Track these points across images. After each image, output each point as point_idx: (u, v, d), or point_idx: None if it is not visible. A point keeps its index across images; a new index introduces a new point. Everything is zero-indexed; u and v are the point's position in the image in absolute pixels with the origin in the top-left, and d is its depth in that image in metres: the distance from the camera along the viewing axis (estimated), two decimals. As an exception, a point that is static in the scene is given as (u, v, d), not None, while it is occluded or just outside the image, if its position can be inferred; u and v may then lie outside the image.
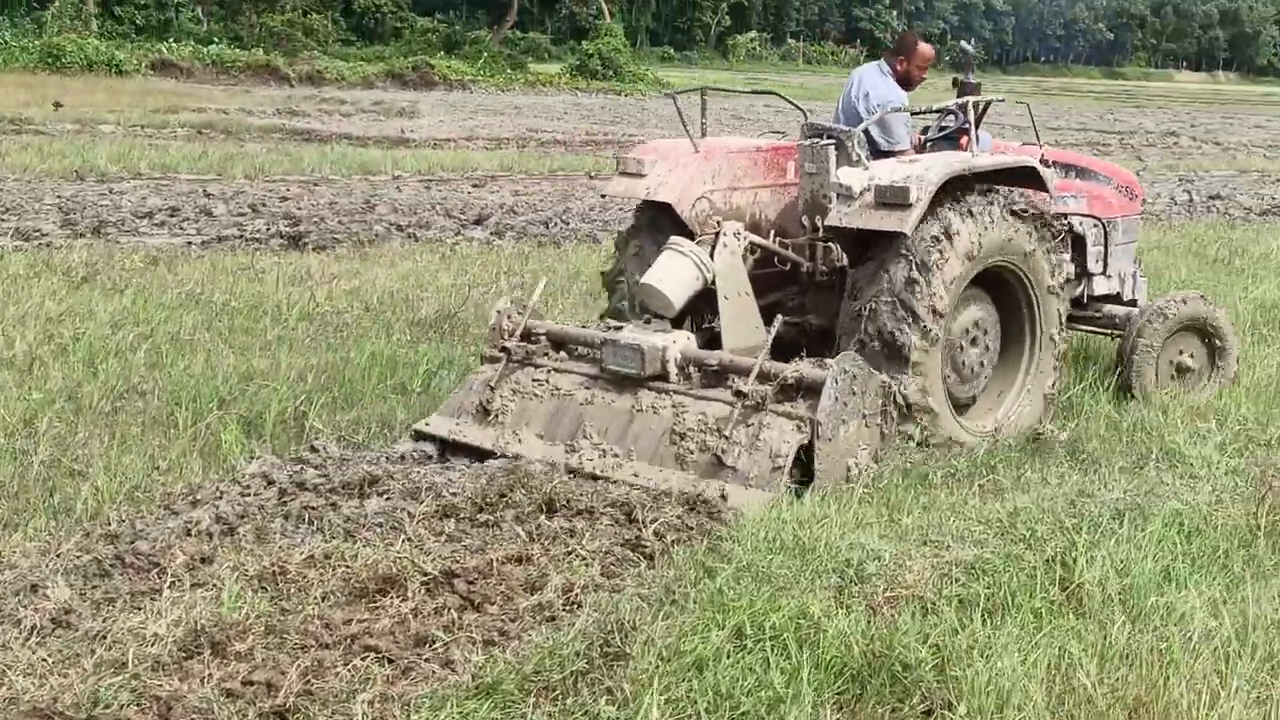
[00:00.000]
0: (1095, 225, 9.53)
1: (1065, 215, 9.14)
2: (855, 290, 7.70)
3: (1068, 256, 8.73)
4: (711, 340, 7.89)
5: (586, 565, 5.73)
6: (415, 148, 25.92)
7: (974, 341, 8.04)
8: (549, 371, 7.72)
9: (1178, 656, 4.88)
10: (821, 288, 8.33)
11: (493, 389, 7.69)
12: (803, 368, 7.18)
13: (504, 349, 7.82)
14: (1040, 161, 8.70)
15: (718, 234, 7.93)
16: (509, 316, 7.95)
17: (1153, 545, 5.91)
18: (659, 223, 8.23)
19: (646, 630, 4.99)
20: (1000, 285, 8.11)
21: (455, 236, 15.01)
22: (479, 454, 7.46)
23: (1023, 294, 8.19)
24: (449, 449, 7.61)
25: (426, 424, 7.76)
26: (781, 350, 7.51)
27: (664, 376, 7.40)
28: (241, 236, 14.43)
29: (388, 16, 71.61)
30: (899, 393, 7.39)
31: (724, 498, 6.67)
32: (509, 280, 12.05)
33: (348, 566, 5.62)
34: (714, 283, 7.82)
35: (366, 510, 6.31)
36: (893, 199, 7.37)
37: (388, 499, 6.47)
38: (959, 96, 8.73)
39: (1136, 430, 8.11)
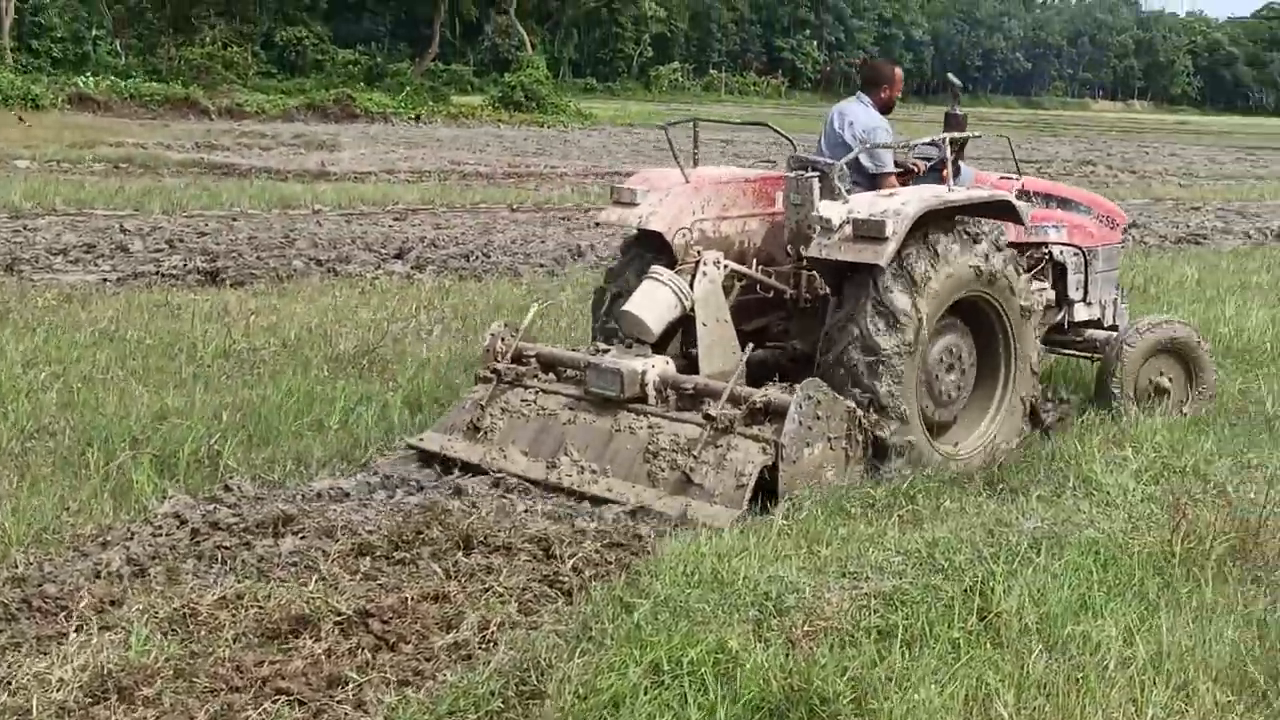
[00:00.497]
0: (1076, 254, 9.81)
1: (1045, 244, 9.59)
2: (833, 321, 7.91)
3: (1046, 284, 9.40)
4: (693, 365, 8.14)
5: (503, 602, 5.68)
6: (336, 181, 25.74)
7: (950, 368, 8.25)
8: (537, 392, 8.14)
9: (1093, 685, 4.90)
10: (805, 314, 8.60)
11: (483, 408, 8.10)
12: (771, 392, 7.53)
13: (494, 370, 8.23)
14: (1021, 192, 9.11)
15: (698, 263, 8.18)
16: (502, 339, 8.36)
17: (1069, 574, 5.94)
18: (649, 250, 8.51)
19: (563, 668, 4.94)
20: (975, 313, 8.31)
21: (375, 270, 14.91)
22: (469, 469, 7.81)
23: (997, 321, 8.39)
24: (443, 464, 7.95)
25: (420, 439, 8.16)
26: (767, 374, 8.01)
27: (643, 399, 7.78)
28: (158, 273, 14.23)
29: (309, 49, 71.19)
30: (866, 421, 7.60)
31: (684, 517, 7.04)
32: (429, 314, 11.97)
33: (260, 607, 5.53)
34: (693, 310, 8.08)
35: (281, 549, 6.24)
36: (869, 232, 7.56)
37: (302, 538, 6.40)
38: (945, 128, 8.97)
39: (1054, 459, 8.16)
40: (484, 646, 5.27)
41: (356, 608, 5.50)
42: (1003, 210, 8.52)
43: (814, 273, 8.41)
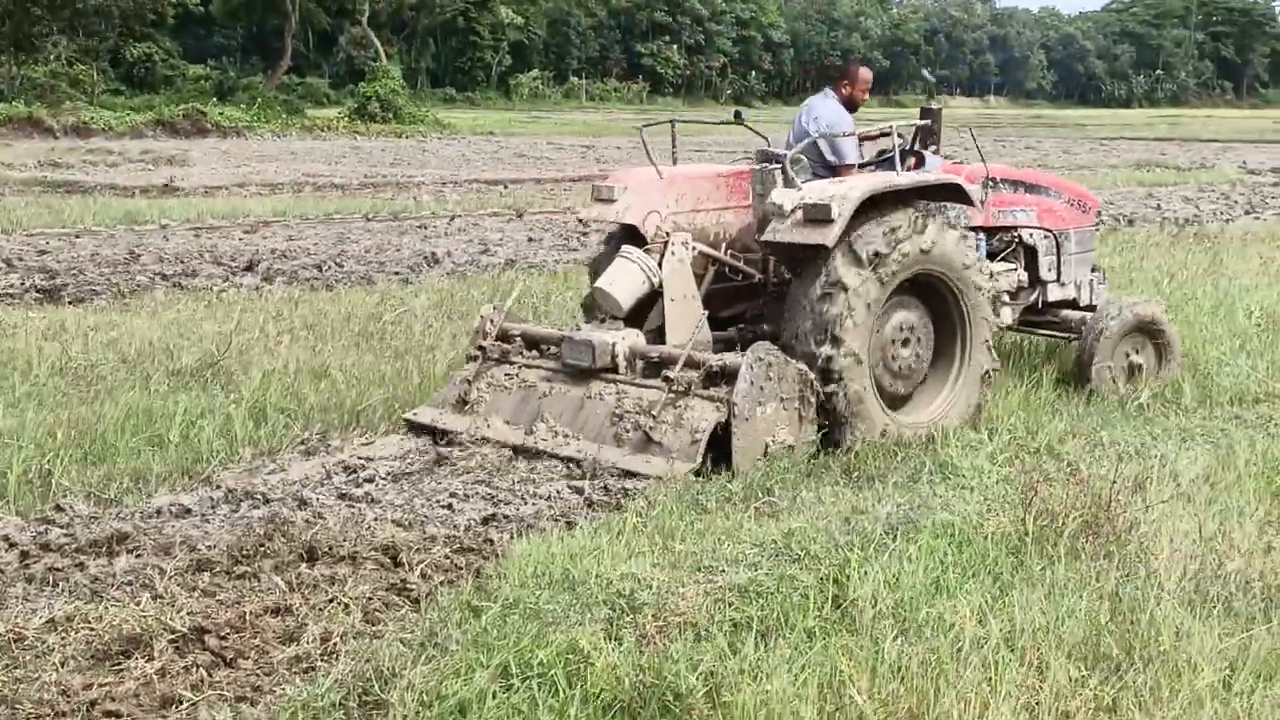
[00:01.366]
0: (1046, 236, 10.31)
1: (1014, 228, 10.19)
2: (789, 296, 8.47)
3: (1017, 266, 10.09)
4: (664, 339, 8.70)
5: (347, 613, 5.49)
6: (185, 196, 25.20)
7: (905, 343, 8.67)
8: (520, 367, 8.83)
9: (947, 667, 4.84)
10: (774, 298, 9.13)
11: (470, 383, 8.78)
12: (726, 357, 8.18)
13: (481, 348, 8.94)
14: (988, 179, 9.83)
15: (666, 243, 8.82)
16: (490, 320, 9.04)
17: (924, 557, 5.89)
18: (630, 240, 9.07)
19: (407, 676, 4.78)
20: (931, 292, 8.74)
21: (223, 284, 14.52)
22: (451, 440, 8.40)
23: (952, 300, 8.78)
24: (434, 435, 8.57)
25: (415, 414, 8.82)
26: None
27: (614, 368, 8.44)
28: (-8, 292, 13.76)
29: (158, 65, 69.91)
30: (817, 385, 8.07)
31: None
32: (277, 325, 11.68)
33: (91, 628, 5.30)
34: (661, 286, 8.73)
35: (115, 569, 6.01)
36: (817, 215, 8.07)
37: (139, 556, 6.16)
38: (921, 119, 9.74)
39: (911, 445, 8.16)
40: (326, 658, 5.08)
41: (192, 625, 5.29)
42: (954, 194, 8.96)
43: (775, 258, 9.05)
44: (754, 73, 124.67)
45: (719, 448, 7.77)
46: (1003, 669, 4.86)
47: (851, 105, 9.53)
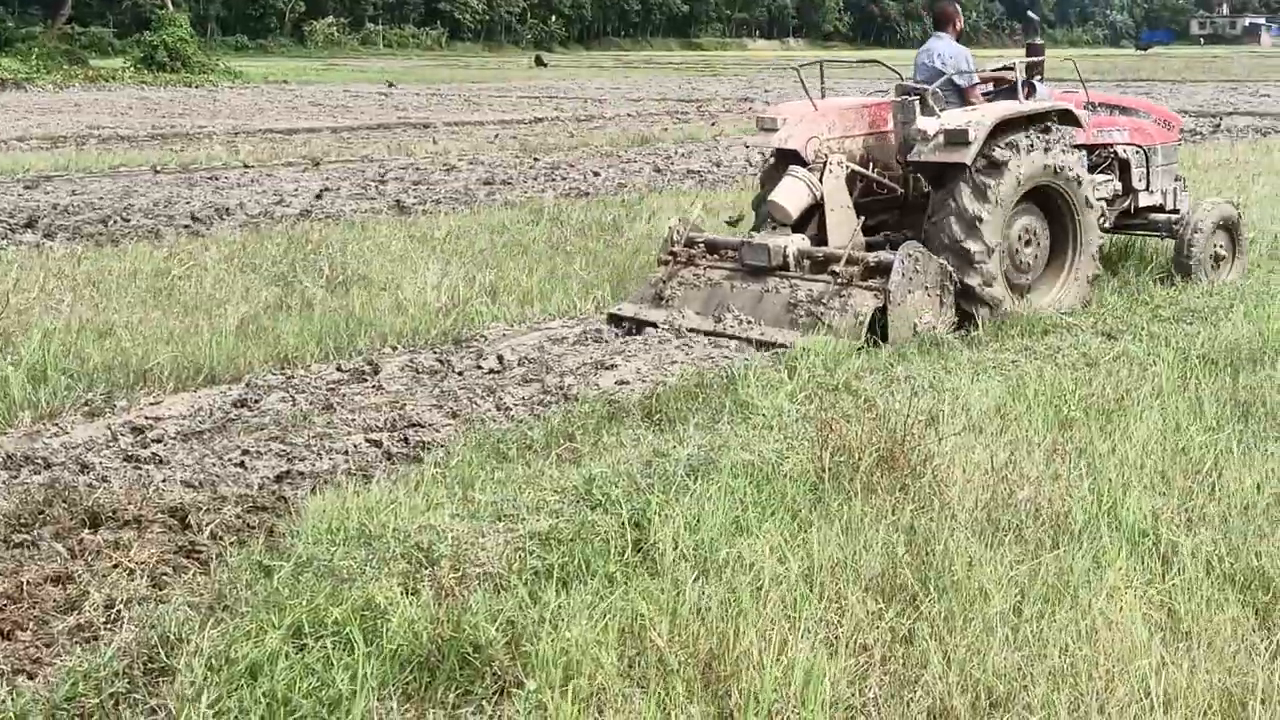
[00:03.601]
0: (1138, 151, 12.14)
1: (1110, 145, 12.00)
2: (934, 203, 10.20)
3: (1113, 177, 11.96)
4: (824, 243, 10.42)
5: (132, 578, 5.28)
6: (-42, 152, 24.17)
7: (1027, 243, 10.45)
8: (705, 268, 10.53)
9: (747, 606, 4.84)
10: (913, 209, 10.92)
11: (665, 282, 10.52)
12: (881, 254, 9.91)
13: (672, 253, 10.73)
14: (1087, 104, 11.77)
15: (825, 163, 10.58)
16: (677, 231, 10.86)
17: (723, 498, 5.89)
18: (789, 163, 10.76)
19: (194, 640, 4.61)
20: (1048, 201, 10.53)
21: (2, 242, 13.94)
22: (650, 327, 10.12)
23: (1065, 208, 10.61)
24: (634, 325, 10.28)
25: (619, 308, 10.61)
26: None
27: (785, 267, 10.14)
28: None
29: (-70, 16, 66.99)
30: (961, 280, 9.82)
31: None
32: (60, 283, 11.24)
33: None
34: (822, 199, 10.49)
35: (-117, 543, 5.69)
36: (957, 139, 9.90)
37: (-92, 528, 5.84)
38: (1028, 56, 11.41)
39: (712, 387, 8.17)
40: (109, 626, 4.88)
41: (-35, 598, 5.04)
42: (1066, 118, 10.81)
43: (919, 176, 10.83)
44: (555, 17, 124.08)
45: (873, 330, 9.42)
46: (801, 605, 4.88)
47: (960, 38, 11.55)
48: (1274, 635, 4.69)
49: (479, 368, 9.00)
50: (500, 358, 9.14)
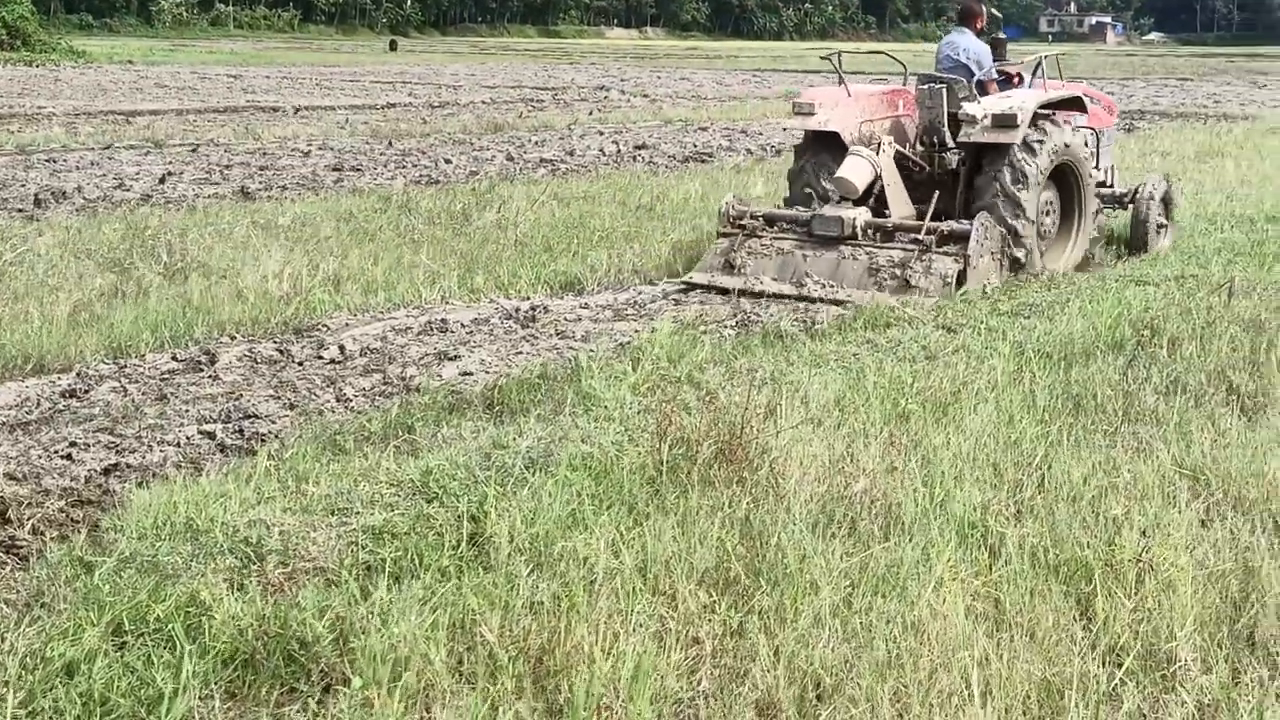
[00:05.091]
0: (1092, 134, 13.54)
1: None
2: (978, 182, 11.64)
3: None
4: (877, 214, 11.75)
5: (-54, 576, 5.12)
6: None
7: (1048, 213, 11.97)
8: (771, 239, 11.59)
9: (580, 600, 4.82)
10: (934, 183, 12.09)
11: (733, 252, 11.56)
12: (953, 225, 11.21)
13: (739, 225, 11.80)
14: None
15: (879, 145, 11.94)
16: (732, 206, 11.99)
17: (561, 491, 5.86)
18: (821, 146, 12.27)
19: (9, 638, 4.47)
20: (1061, 176, 12.07)
21: None
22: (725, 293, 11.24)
23: (1075, 182, 12.26)
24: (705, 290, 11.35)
25: (690, 277, 11.68)
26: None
27: (853, 237, 11.29)
28: None
29: None
30: (1011, 244, 11.30)
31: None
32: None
33: None
34: (880, 175, 11.76)
35: None
36: (1005, 122, 11.38)
37: None
38: (993, 49, 12.94)
39: (556, 379, 8.14)
40: (-80, 626, 4.71)
41: None
42: (1075, 104, 12.66)
43: (943, 155, 12.16)
44: (411, 1, 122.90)
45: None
46: (635, 599, 4.87)
47: (980, 34, 12.82)
48: (1094, 626, 4.79)
49: (320, 358, 8.88)
50: (342, 348, 9.03)
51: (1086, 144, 12.59)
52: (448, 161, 20.81)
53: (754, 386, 7.63)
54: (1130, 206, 13.43)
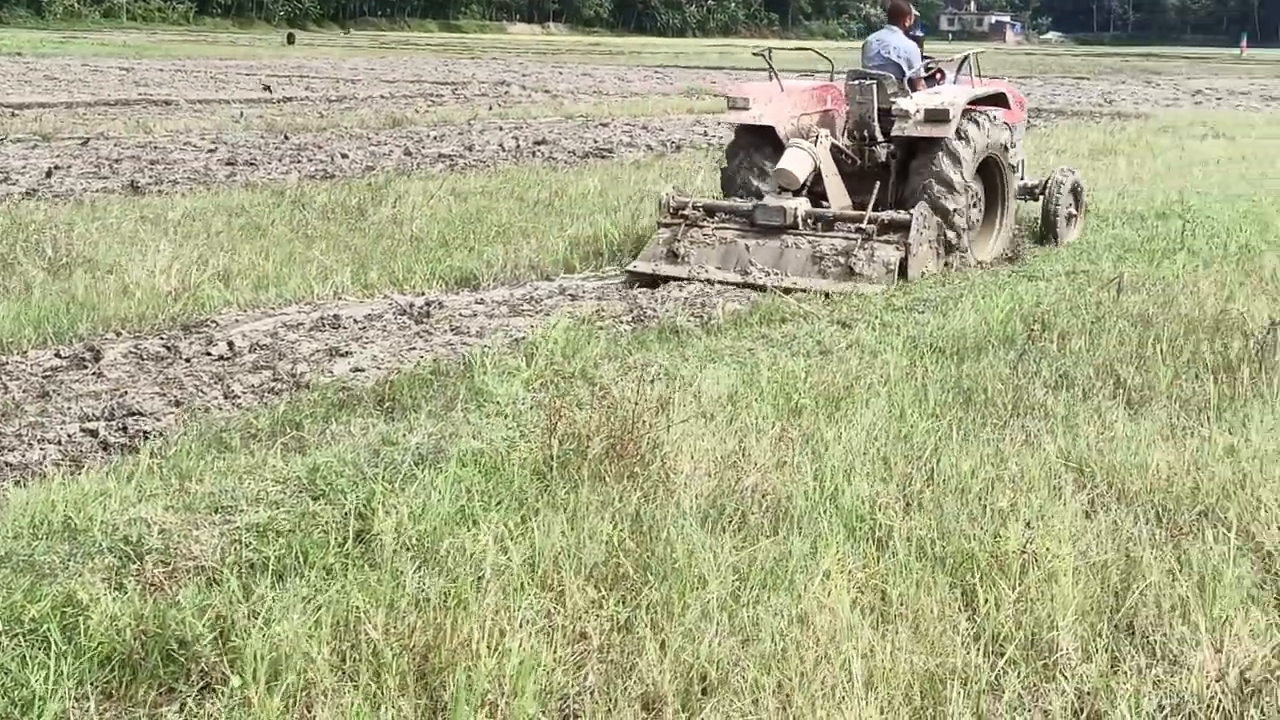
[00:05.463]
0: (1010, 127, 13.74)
1: None
2: (912, 174, 12.01)
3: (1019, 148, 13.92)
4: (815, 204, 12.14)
5: None
6: None
7: (975, 205, 12.29)
8: (713, 229, 11.89)
9: (467, 597, 4.78)
10: (863, 175, 12.55)
11: (676, 241, 11.79)
12: (893, 214, 11.60)
13: (681, 215, 12.03)
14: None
15: (816, 137, 12.33)
16: (671, 198, 12.23)
17: (450, 487, 5.81)
18: (755, 140, 12.68)
19: (-124, 644, 4.35)
20: (985, 169, 12.47)
21: None
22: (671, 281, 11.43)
23: (998, 174, 12.74)
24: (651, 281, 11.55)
25: (634, 265, 11.88)
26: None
27: (795, 226, 11.67)
28: None
29: None
30: (947, 234, 11.71)
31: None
32: None
33: None
34: (820, 167, 12.13)
35: None
36: (938, 117, 11.76)
37: None
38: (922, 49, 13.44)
39: (448, 374, 8.08)
40: None
41: None
42: (999, 101, 13.21)
43: (873, 148, 12.58)
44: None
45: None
46: (522, 595, 4.84)
47: (909, 32, 13.19)
48: (977, 617, 4.83)
49: (208, 354, 8.75)
50: (231, 344, 8.90)
51: (1009, 138, 12.93)
52: (344, 156, 20.60)
53: (647, 382, 7.62)
54: (1041, 198, 13.86)
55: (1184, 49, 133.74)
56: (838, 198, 12.32)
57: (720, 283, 11.22)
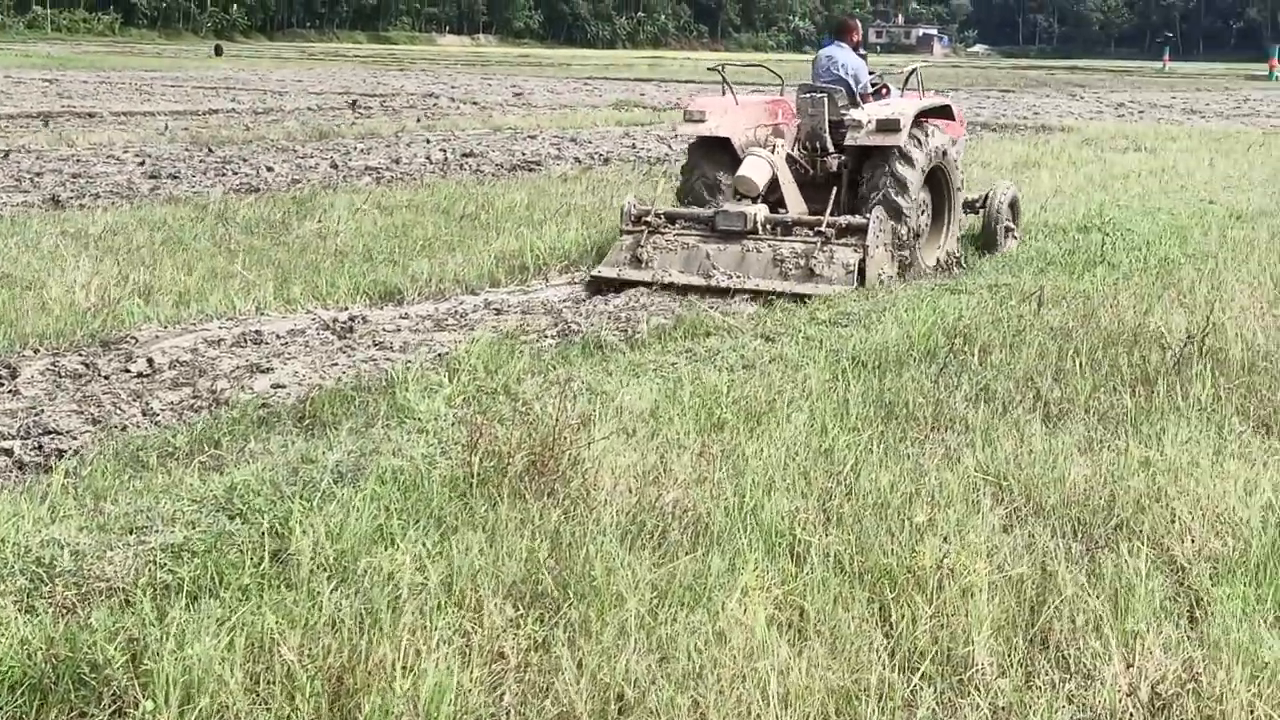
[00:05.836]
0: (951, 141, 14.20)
1: None
2: (867, 181, 12.53)
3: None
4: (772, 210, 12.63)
5: None
6: None
7: (923, 212, 12.84)
8: (674, 235, 12.32)
9: (383, 617, 4.75)
10: (815, 185, 13.12)
11: (640, 247, 12.17)
12: (852, 218, 12.12)
13: (645, 222, 12.41)
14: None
15: (773, 147, 12.89)
16: (634, 206, 12.61)
17: (368, 505, 5.78)
18: (711, 151, 13.15)
19: None
20: (933, 178, 12.98)
21: None
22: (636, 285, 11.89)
23: (944, 183, 13.27)
24: (615, 286, 11.98)
25: (598, 271, 12.25)
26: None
27: (755, 231, 12.13)
28: None
29: None
30: (899, 235, 12.24)
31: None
32: None
33: None
34: (776, 174, 12.65)
35: None
36: (889, 126, 12.29)
37: None
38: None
39: (371, 391, 8.04)
40: None
41: None
42: (945, 113, 13.86)
43: (824, 159, 13.18)
44: (236, 5, 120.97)
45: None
46: (439, 615, 4.81)
47: (857, 49, 13.82)
48: (894, 633, 4.85)
49: (127, 371, 8.65)
50: (151, 361, 8.81)
51: (953, 149, 13.44)
52: (270, 169, 20.46)
53: (570, 398, 7.61)
54: (981, 211, 14.35)
55: (1108, 62, 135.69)
56: (794, 204, 12.82)
57: (683, 286, 11.73)
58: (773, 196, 12.85)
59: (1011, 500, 6.22)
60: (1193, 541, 5.70)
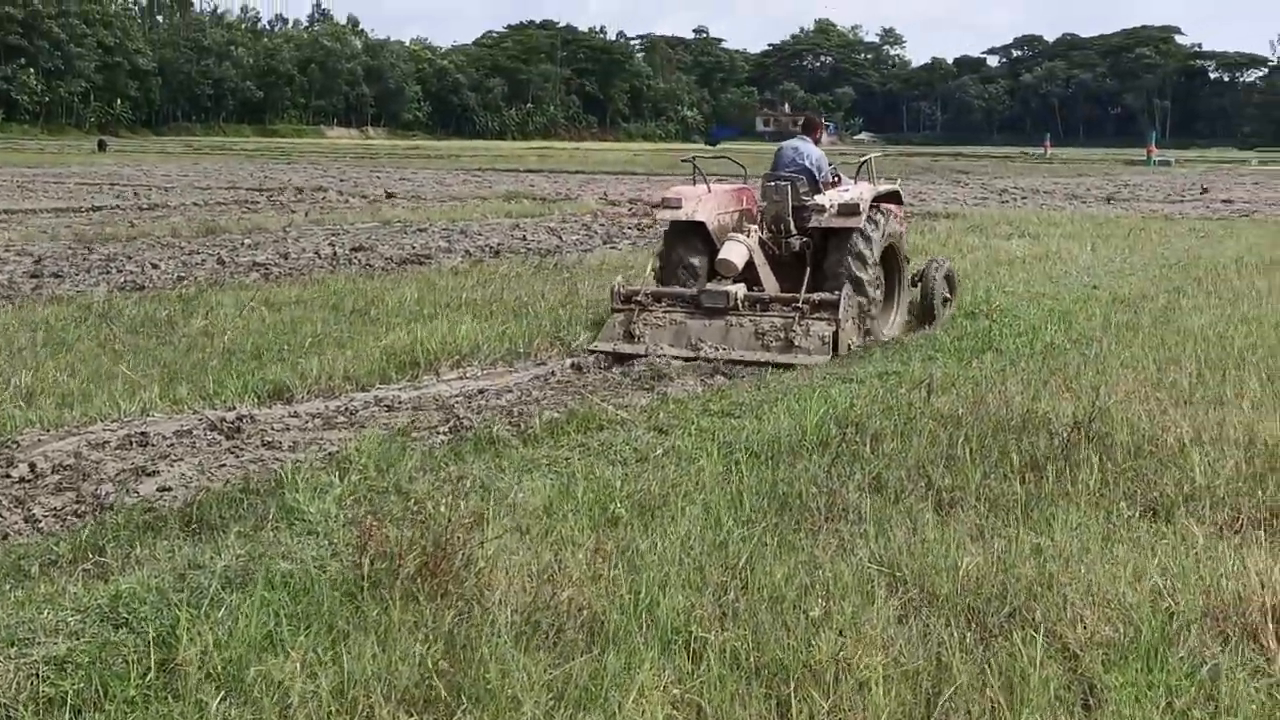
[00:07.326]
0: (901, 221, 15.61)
1: None
2: (830, 261, 14.03)
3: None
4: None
5: None
6: None
7: (878, 287, 14.15)
8: (663, 312, 13.76)
9: (272, 728, 4.65)
10: (780, 264, 14.50)
11: (632, 323, 13.64)
12: (825, 295, 13.52)
13: (635, 301, 13.84)
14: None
15: (748, 231, 14.32)
16: (622, 287, 14.07)
17: (257, 611, 5.67)
18: (687, 235, 14.47)
19: None
20: (885, 257, 14.42)
21: None
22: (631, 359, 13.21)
23: (894, 261, 14.89)
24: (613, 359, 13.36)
25: (596, 345, 13.64)
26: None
27: (736, 308, 13.59)
28: None
29: None
30: (863, 308, 13.69)
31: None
32: None
33: None
34: (752, 258, 14.10)
35: None
36: (850, 210, 13.88)
37: None
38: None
39: (259, 493, 7.91)
40: None
41: None
42: (894, 198, 15.55)
43: (789, 241, 14.42)
44: (120, 100, 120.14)
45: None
46: (331, 725, 4.72)
47: (818, 143, 15.31)
48: (791, 729, 4.83)
49: (8, 477, 8.44)
50: (33, 465, 8.60)
51: (901, 230, 14.95)
52: (155, 266, 20.22)
53: (462, 495, 7.54)
54: (919, 284, 15.41)
55: (990, 148, 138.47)
56: (769, 283, 14.23)
57: (674, 357, 13.05)
58: (745, 275, 14.07)
59: (905, 590, 6.24)
60: (1085, 628, 5.75)
